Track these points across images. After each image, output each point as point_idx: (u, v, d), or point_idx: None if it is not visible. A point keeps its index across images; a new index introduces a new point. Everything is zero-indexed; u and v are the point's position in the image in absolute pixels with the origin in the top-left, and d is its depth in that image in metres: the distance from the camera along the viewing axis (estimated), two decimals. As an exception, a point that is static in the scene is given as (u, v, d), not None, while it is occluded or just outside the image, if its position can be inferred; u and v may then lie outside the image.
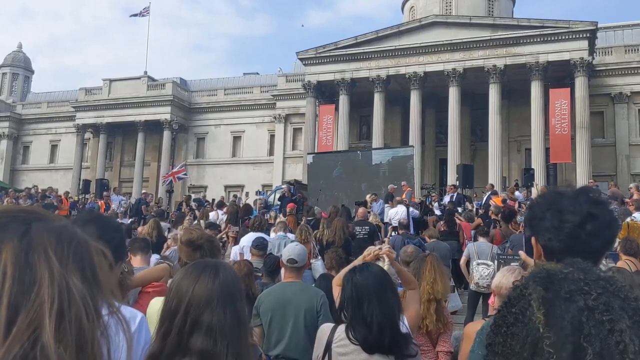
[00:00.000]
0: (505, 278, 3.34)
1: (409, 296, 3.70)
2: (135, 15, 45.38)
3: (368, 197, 18.00)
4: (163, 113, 42.71)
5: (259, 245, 7.73)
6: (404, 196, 17.47)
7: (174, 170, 31.91)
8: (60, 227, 0.80)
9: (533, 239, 1.90)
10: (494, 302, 3.74)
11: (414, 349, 2.87)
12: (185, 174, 33.30)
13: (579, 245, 1.74)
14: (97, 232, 2.23)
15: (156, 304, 3.12)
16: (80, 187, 33.36)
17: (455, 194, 20.66)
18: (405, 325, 2.96)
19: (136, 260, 5.41)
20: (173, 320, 1.63)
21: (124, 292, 3.02)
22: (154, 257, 6.72)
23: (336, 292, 3.73)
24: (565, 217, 1.78)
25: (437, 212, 18.50)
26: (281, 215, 14.49)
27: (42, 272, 0.73)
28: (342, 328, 2.95)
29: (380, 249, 3.63)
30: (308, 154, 30.13)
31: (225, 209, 16.21)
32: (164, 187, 33.27)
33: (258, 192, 28.96)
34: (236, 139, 43.91)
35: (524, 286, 0.93)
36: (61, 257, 0.75)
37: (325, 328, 3.11)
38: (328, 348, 2.97)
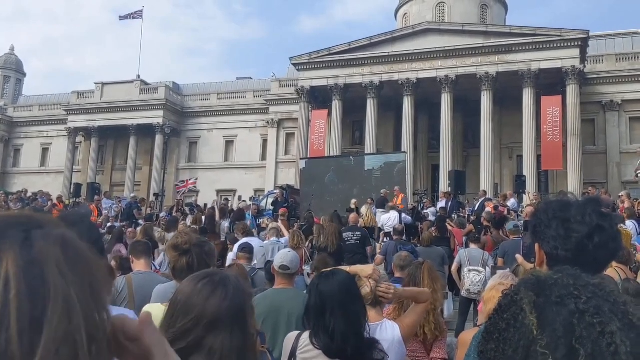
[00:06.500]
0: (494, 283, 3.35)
1: (414, 307, 3.52)
2: (126, 17, 45.14)
3: (365, 206, 17.89)
4: (155, 117, 42.57)
5: (245, 249, 7.88)
6: (399, 201, 17.43)
7: (188, 181, 34.41)
8: (62, 235, 0.72)
9: (537, 246, 1.91)
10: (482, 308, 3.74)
11: (379, 354, 2.79)
12: (195, 186, 35.83)
13: (585, 255, 1.75)
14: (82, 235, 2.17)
15: (149, 310, 3.09)
16: (72, 190, 33.19)
17: (451, 201, 20.47)
18: (368, 331, 2.85)
19: (140, 264, 5.33)
20: (175, 335, 1.60)
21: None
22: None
23: None
24: (573, 226, 1.79)
25: (432, 218, 18.38)
26: (273, 221, 14.45)
27: (51, 286, 0.65)
28: (306, 335, 2.92)
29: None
30: (301, 159, 30.11)
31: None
32: (177, 195, 34.58)
33: (252, 198, 28.89)
34: (229, 143, 43.83)
35: (515, 292, 0.94)
36: (69, 269, 0.68)
37: (291, 336, 3.08)
38: (293, 355, 2.95)
